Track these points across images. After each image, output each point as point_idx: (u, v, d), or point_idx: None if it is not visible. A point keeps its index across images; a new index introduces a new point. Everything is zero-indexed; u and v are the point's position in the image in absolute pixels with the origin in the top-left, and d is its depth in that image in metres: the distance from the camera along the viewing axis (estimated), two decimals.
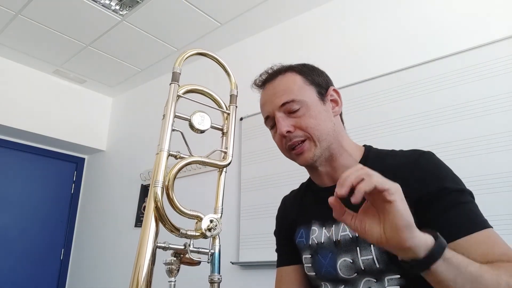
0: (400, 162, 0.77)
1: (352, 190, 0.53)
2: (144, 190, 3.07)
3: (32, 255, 3.25)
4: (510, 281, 0.55)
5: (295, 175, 2.07)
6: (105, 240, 3.24)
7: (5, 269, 3.08)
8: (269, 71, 0.89)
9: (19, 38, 2.82)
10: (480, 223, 0.67)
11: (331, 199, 0.56)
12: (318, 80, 0.86)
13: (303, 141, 0.80)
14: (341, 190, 0.52)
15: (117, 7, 2.46)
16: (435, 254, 0.53)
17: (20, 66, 3.18)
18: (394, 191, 0.52)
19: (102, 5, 2.44)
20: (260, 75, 0.90)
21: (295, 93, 0.81)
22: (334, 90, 0.88)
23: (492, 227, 0.68)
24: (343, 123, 0.90)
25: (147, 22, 2.61)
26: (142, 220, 3.23)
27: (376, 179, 0.52)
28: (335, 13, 2.34)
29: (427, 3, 1.96)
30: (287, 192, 1.02)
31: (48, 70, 3.27)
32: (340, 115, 0.90)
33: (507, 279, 0.56)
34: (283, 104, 0.81)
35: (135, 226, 3.00)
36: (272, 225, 1.00)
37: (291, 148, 0.81)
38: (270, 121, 0.85)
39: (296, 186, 1.01)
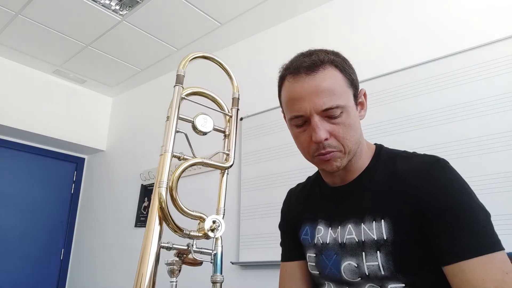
0: (412, 168, 0.73)
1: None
2: (144, 190, 3.07)
3: (32, 255, 3.25)
4: None
5: (295, 175, 2.07)
6: (105, 240, 3.24)
7: (5, 269, 3.08)
8: (307, 61, 0.74)
9: (19, 38, 2.82)
10: (481, 247, 0.64)
11: None
12: (354, 80, 0.78)
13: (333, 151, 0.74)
14: None
15: (117, 7, 2.46)
16: None
17: (20, 66, 3.18)
18: None
19: (102, 5, 2.45)
20: (296, 60, 0.77)
21: (338, 96, 0.72)
22: (365, 94, 0.82)
23: (501, 249, 0.64)
24: None
25: (147, 22, 2.61)
26: (142, 220, 3.23)
27: None
28: (337, 11, 2.34)
29: (429, 3, 1.97)
30: (287, 192, 1.01)
31: (48, 70, 3.27)
32: None
33: None
34: (326, 109, 0.71)
35: (135, 226, 3.00)
36: (272, 225, 1.01)
37: (319, 153, 0.74)
38: (300, 120, 0.74)
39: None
